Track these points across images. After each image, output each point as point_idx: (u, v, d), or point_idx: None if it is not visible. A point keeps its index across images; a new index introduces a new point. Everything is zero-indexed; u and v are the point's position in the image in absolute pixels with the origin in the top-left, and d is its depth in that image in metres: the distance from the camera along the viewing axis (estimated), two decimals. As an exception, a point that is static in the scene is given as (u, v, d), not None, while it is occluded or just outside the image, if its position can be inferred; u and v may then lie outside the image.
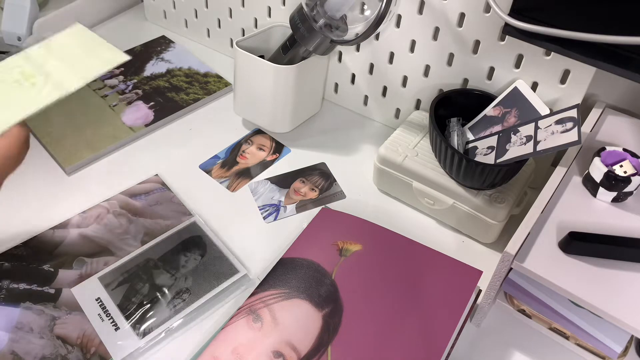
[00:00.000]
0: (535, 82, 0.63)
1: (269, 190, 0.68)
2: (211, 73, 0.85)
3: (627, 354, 0.51)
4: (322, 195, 0.69)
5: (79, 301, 0.55)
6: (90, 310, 0.54)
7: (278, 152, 0.74)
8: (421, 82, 0.71)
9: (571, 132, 0.53)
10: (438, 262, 0.57)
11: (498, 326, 0.56)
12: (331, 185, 0.70)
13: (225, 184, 0.69)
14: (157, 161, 0.72)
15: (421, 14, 0.66)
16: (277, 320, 0.51)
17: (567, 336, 0.53)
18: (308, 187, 0.69)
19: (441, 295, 0.53)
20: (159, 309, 0.54)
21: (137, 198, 0.66)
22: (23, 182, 0.67)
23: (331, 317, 0.52)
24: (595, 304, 0.45)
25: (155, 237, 0.61)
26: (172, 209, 0.65)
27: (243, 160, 0.72)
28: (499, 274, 0.50)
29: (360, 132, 0.78)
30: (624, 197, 0.53)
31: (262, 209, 0.66)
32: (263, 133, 0.76)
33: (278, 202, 0.67)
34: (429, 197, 0.64)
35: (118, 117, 0.76)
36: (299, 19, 0.64)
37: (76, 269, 0.58)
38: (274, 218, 0.65)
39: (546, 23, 0.53)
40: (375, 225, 0.61)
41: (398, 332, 0.51)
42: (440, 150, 0.60)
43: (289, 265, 0.56)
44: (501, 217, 0.60)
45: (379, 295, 0.54)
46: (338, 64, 0.78)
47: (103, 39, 0.47)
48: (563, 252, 0.49)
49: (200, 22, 0.90)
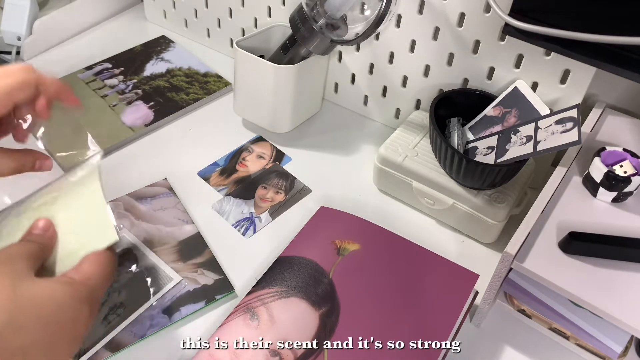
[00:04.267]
0: (535, 82, 0.63)
1: (235, 205, 0.66)
2: (211, 73, 0.85)
3: (627, 354, 0.51)
4: (289, 196, 0.68)
5: None
6: None
7: (278, 160, 0.73)
8: (421, 82, 0.71)
9: (571, 132, 0.53)
10: (436, 264, 0.57)
11: (498, 326, 0.56)
12: (293, 183, 0.70)
13: (224, 192, 0.68)
14: (157, 163, 0.72)
15: (421, 14, 0.66)
16: (274, 319, 0.51)
17: (567, 336, 0.53)
18: (272, 191, 0.68)
19: (438, 298, 0.53)
20: (93, 327, 0.52)
21: (142, 201, 0.65)
22: (24, 182, 0.67)
23: (328, 316, 0.52)
24: (595, 304, 0.45)
25: (157, 245, 0.60)
26: (175, 215, 0.64)
27: (243, 168, 0.71)
28: (499, 274, 0.50)
29: (360, 132, 0.78)
30: (624, 197, 0.53)
31: (237, 225, 0.64)
32: (264, 140, 0.76)
33: (250, 215, 0.65)
34: (429, 197, 0.64)
35: (118, 117, 0.76)
36: (299, 19, 0.64)
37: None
38: (252, 232, 0.64)
39: (546, 23, 0.53)
40: (373, 225, 0.61)
41: (394, 333, 0.51)
42: (440, 150, 0.60)
43: (286, 264, 0.56)
44: (501, 217, 0.60)
45: (376, 295, 0.54)
46: (338, 64, 0.78)
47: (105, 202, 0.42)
48: (563, 252, 0.49)
49: (200, 22, 0.90)
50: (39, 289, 0.34)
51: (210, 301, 0.56)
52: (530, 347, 0.55)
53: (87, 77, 0.82)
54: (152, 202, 0.65)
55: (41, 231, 0.39)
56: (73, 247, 0.39)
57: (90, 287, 0.36)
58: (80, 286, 0.36)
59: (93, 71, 0.84)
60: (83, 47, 0.90)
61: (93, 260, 0.38)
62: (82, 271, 0.37)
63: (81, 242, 0.40)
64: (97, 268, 0.37)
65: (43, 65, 0.85)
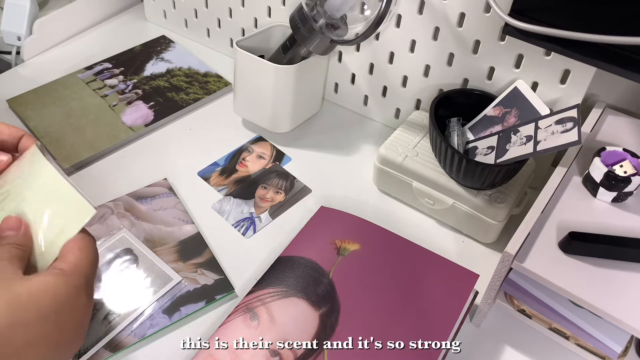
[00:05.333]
0: (536, 82, 0.63)
1: (235, 205, 0.66)
2: (211, 73, 0.85)
3: (627, 354, 0.51)
4: (289, 196, 0.68)
5: None
6: None
7: (278, 160, 0.73)
8: (421, 82, 0.71)
9: (571, 132, 0.53)
10: (436, 264, 0.57)
11: (498, 326, 0.56)
12: (293, 183, 0.70)
13: (224, 192, 0.68)
14: (157, 163, 0.72)
15: (421, 14, 0.66)
16: (274, 319, 0.51)
17: (567, 336, 0.53)
18: (272, 191, 0.68)
19: (438, 298, 0.53)
20: (93, 327, 0.53)
21: (142, 201, 0.65)
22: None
23: (328, 316, 0.52)
24: (595, 304, 0.45)
25: (157, 245, 0.60)
26: (175, 215, 0.64)
27: (243, 168, 0.71)
28: (499, 274, 0.50)
29: (360, 132, 0.78)
30: (624, 197, 0.53)
31: (237, 225, 0.64)
32: (264, 141, 0.76)
33: (250, 215, 0.65)
34: (429, 197, 0.64)
35: (118, 117, 0.76)
36: (299, 19, 0.64)
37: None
38: (252, 232, 0.64)
39: (546, 23, 0.53)
40: (374, 225, 0.61)
41: (394, 333, 0.51)
42: (440, 150, 0.60)
43: (286, 264, 0.56)
44: (501, 217, 0.60)
45: (376, 295, 0.54)
46: (338, 64, 0.78)
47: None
48: (563, 252, 0.49)
49: (200, 22, 0.90)
50: (34, 284, 0.34)
51: (210, 301, 0.56)
52: (530, 347, 0.55)
53: (87, 77, 0.82)
54: (152, 202, 0.65)
55: (14, 231, 0.38)
56: (51, 236, 0.38)
57: (81, 274, 0.36)
58: (72, 275, 0.36)
59: (93, 71, 0.84)
60: (83, 47, 0.90)
61: (74, 247, 0.37)
62: (68, 260, 0.36)
63: (59, 228, 0.38)
64: (81, 254, 0.37)
65: (43, 65, 0.85)
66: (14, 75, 0.84)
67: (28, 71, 0.85)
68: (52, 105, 0.77)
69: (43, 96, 0.78)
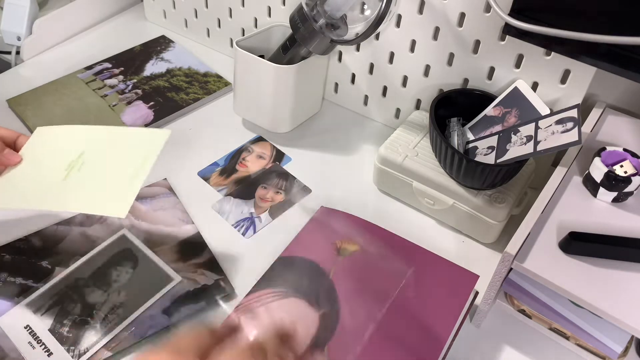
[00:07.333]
0: (536, 82, 0.63)
1: (235, 205, 0.66)
2: (211, 73, 0.85)
3: (627, 354, 0.51)
4: (289, 196, 0.68)
5: (6, 332, 0.52)
6: (19, 339, 0.51)
7: (278, 160, 0.73)
8: (421, 82, 0.71)
9: (571, 132, 0.53)
10: (436, 265, 0.57)
11: (498, 326, 0.56)
12: (293, 183, 0.70)
13: (224, 192, 0.68)
14: (157, 163, 0.71)
15: (421, 14, 0.66)
16: (274, 319, 0.51)
17: (567, 336, 0.53)
18: (272, 191, 0.68)
19: (438, 298, 0.53)
20: (93, 328, 0.53)
21: (142, 201, 0.65)
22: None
23: (328, 316, 0.52)
24: (595, 304, 0.45)
25: (157, 245, 0.60)
26: (175, 215, 0.64)
27: (243, 168, 0.71)
28: (499, 274, 0.50)
29: (360, 132, 0.78)
30: (624, 197, 0.53)
31: (237, 225, 0.64)
32: (264, 141, 0.76)
33: (250, 215, 0.65)
34: (429, 197, 0.64)
35: (118, 117, 0.76)
36: (299, 19, 0.64)
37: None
38: (252, 232, 0.64)
39: (546, 23, 0.53)
40: (374, 226, 0.60)
41: (394, 334, 0.51)
42: (441, 150, 0.60)
43: (286, 264, 0.56)
44: (501, 217, 0.60)
45: (376, 295, 0.54)
46: (338, 64, 0.78)
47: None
48: (563, 252, 0.49)
49: (200, 22, 0.90)
50: None
51: (210, 301, 0.56)
52: (530, 347, 0.55)
53: (87, 77, 0.82)
54: (152, 202, 0.65)
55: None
56: (136, 167, 0.45)
57: None
58: None
59: (93, 71, 0.84)
60: (83, 47, 0.90)
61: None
62: None
63: (142, 158, 0.45)
64: None
65: (43, 65, 0.85)
66: (13, 75, 0.84)
67: (28, 71, 0.85)
68: (52, 105, 0.77)
69: (43, 96, 0.78)
